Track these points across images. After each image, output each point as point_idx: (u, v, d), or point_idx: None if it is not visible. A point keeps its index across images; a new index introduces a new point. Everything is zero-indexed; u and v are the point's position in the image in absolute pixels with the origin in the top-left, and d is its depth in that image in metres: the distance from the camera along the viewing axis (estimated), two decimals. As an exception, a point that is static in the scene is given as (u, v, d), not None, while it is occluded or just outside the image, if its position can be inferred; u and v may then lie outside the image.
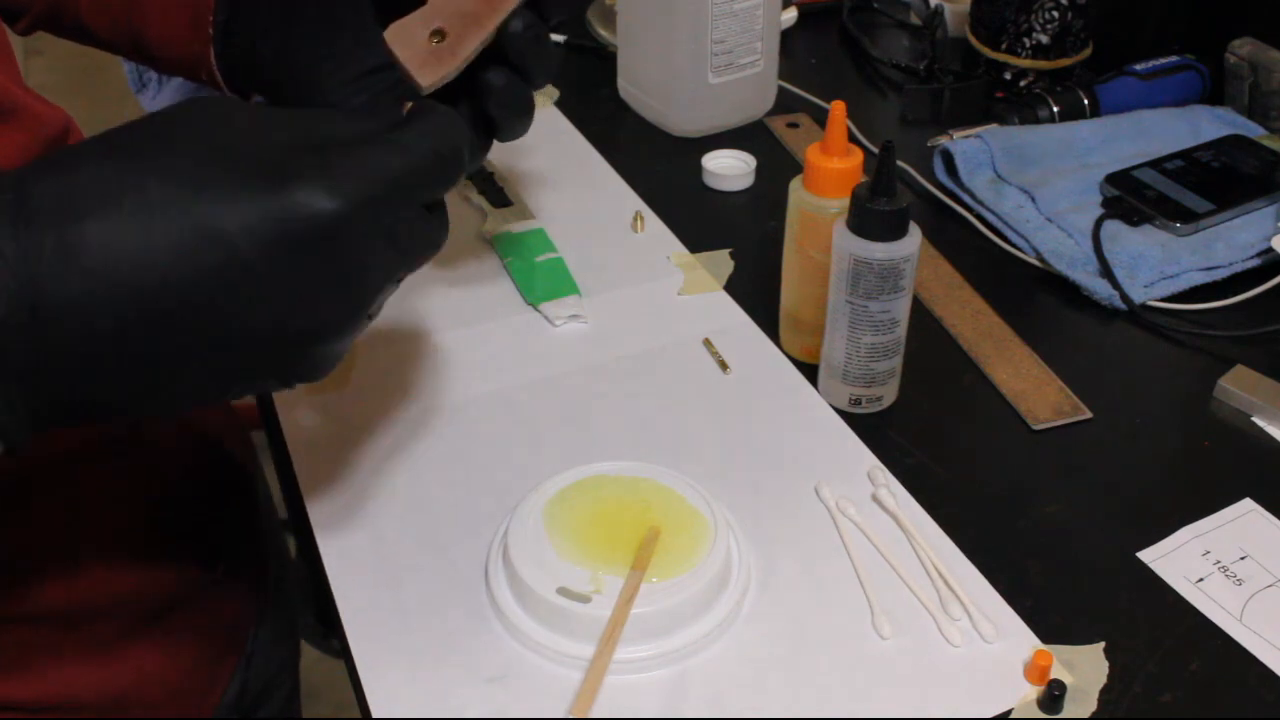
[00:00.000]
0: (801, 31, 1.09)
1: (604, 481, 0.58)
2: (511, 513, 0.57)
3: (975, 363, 0.71)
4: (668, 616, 0.53)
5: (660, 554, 0.54)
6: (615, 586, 0.53)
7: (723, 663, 0.53)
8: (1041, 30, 0.93)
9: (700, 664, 0.53)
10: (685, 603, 0.53)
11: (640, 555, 0.54)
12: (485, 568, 0.56)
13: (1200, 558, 0.59)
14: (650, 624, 0.52)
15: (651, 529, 0.55)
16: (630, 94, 0.97)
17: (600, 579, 0.53)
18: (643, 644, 0.52)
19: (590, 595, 0.52)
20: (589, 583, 0.53)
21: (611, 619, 0.52)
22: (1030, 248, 0.79)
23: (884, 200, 0.60)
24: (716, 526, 0.56)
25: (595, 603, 0.52)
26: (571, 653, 0.52)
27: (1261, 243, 0.77)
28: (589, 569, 0.53)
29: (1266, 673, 0.53)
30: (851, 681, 0.52)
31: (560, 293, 0.73)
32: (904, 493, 0.61)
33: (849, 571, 0.57)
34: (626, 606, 0.52)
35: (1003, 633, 0.54)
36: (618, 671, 0.52)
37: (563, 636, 0.52)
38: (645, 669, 0.52)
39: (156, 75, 0.98)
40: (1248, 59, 0.88)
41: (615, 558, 0.54)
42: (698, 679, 0.52)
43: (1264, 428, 0.66)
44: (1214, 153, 0.84)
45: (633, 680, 0.52)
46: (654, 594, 0.53)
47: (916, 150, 0.89)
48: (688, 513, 0.56)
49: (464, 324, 0.72)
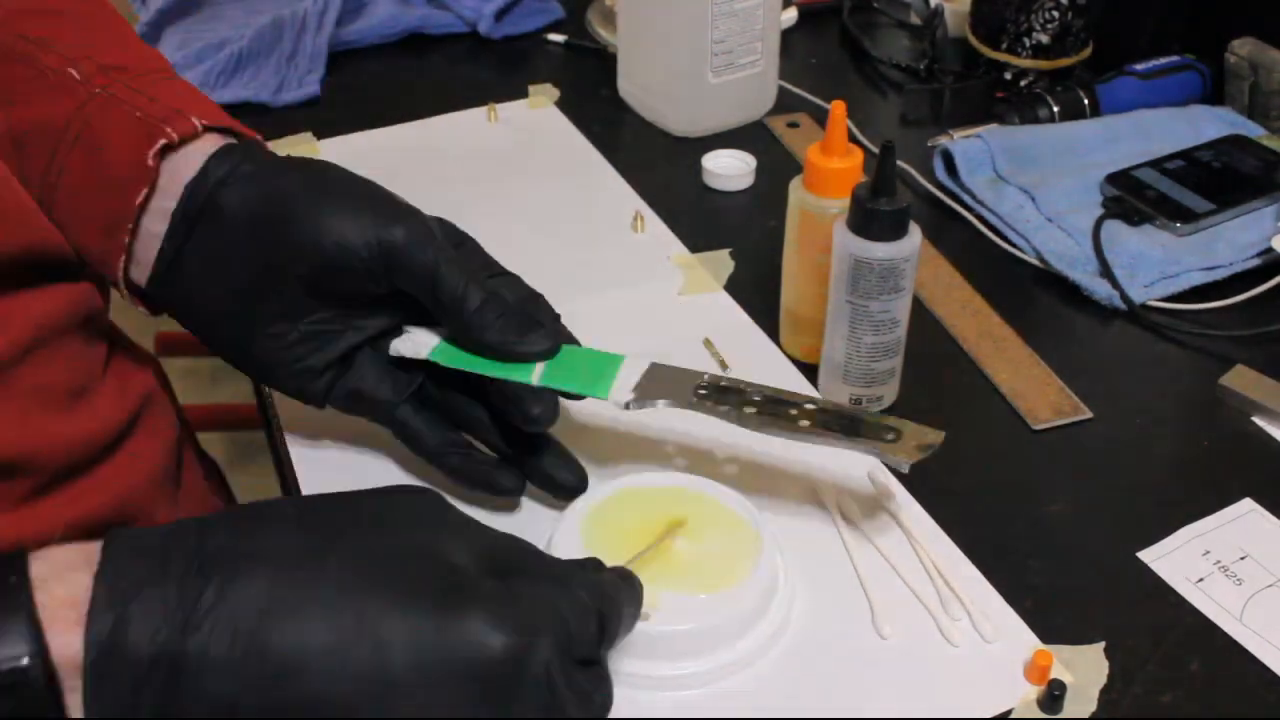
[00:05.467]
0: (801, 31, 1.09)
1: (640, 494, 0.57)
2: (552, 532, 0.56)
3: (975, 363, 0.71)
4: (713, 633, 0.52)
5: (704, 566, 0.53)
6: (670, 603, 0.51)
7: (723, 663, 0.53)
8: (1041, 30, 0.93)
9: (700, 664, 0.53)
10: (729, 619, 0.52)
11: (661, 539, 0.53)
12: None
13: (1200, 558, 0.59)
14: (699, 640, 0.51)
15: (674, 521, 0.55)
16: (630, 94, 0.97)
17: (656, 596, 0.51)
18: (688, 660, 0.51)
19: (649, 614, 0.51)
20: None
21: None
22: (1030, 248, 0.79)
23: (884, 200, 0.60)
24: (763, 538, 0.55)
25: (653, 619, 0.51)
26: (631, 670, 0.51)
27: (1261, 243, 0.77)
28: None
29: (1266, 673, 0.53)
30: (851, 681, 0.52)
31: (609, 369, 0.58)
32: (904, 493, 0.61)
33: (849, 571, 0.57)
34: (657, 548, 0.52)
35: (1003, 633, 0.54)
36: (658, 687, 0.51)
37: (622, 655, 0.51)
38: (687, 685, 0.51)
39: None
40: (1248, 59, 0.88)
41: (665, 572, 0.53)
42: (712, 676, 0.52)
43: (1264, 428, 0.66)
44: (1214, 153, 0.84)
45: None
46: (700, 608, 0.52)
47: (916, 150, 0.89)
48: (731, 522, 0.55)
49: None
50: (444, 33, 1.07)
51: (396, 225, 0.52)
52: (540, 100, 0.97)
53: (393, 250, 0.52)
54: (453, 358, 0.56)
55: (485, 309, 0.54)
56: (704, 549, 0.54)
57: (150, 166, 0.53)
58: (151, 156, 0.53)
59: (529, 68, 1.04)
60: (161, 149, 0.53)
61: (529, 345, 0.54)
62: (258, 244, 0.53)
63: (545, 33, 1.08)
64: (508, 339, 0.54)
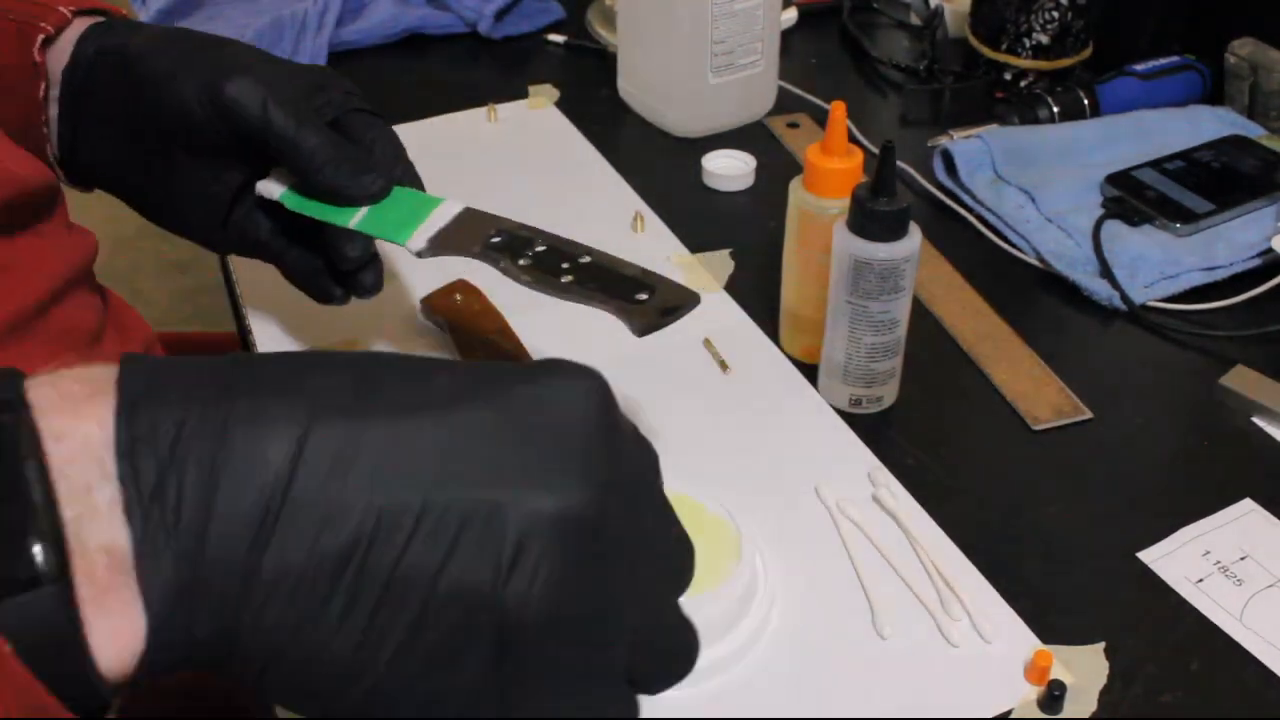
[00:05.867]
0: (801, 31, 1.09)
1: None
2: None
3: (975, 363, 0.71)
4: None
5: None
6: None
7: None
8: (1041, 30, 0.93)
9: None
10: (710, 620, 0.52)
11: None
12: None
13: (1200, 558, 0.59)
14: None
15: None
16: (630, 94, 0.97)
17: None
18: None
19: None
20: None
21: None
22: (1030, 248, 0.79)
23: (884, 200, 0.60)
24: (742, 541, 0.54)
25: None
26: None
27: (1261, 243, 0.77)
28: None
29: (1266, 673, 0.53)
30: (851, 681, 0.52)
31: (422, 214, 0.57)
32: (904, 493, 0.61)
33: (849, 571, 0.57)
34: None
35: (1003, 633, 0.54)
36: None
37: None
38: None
39: None
40: (1248, 59, 0.88)
41: None
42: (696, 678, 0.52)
43: (1264, 428, 0.66)
44: (1214, 153, 0.84)
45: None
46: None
47: (916, 150, 0.89)
48: (712, 525, 0.55)
49: (464, 324, 0.72)
50: (444, 33, 1.07)
51: (229, 80, 0.55)
52: (540, 101, 0.97)
53: (223, 103, 0.55)
54: (297, 202, 0.57)
55: (316, 152, 0.55)
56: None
57: (40, 62, 0.58)
58: (37, 52, 0.58)
59: (529, 68, 1.04)
60: (42, 43, 0.58)
61: (358, 188, 0.56)
62: (125, 114, 0.58)
63: (545, 33, 1.08)
64: (339, 181, 0.55)
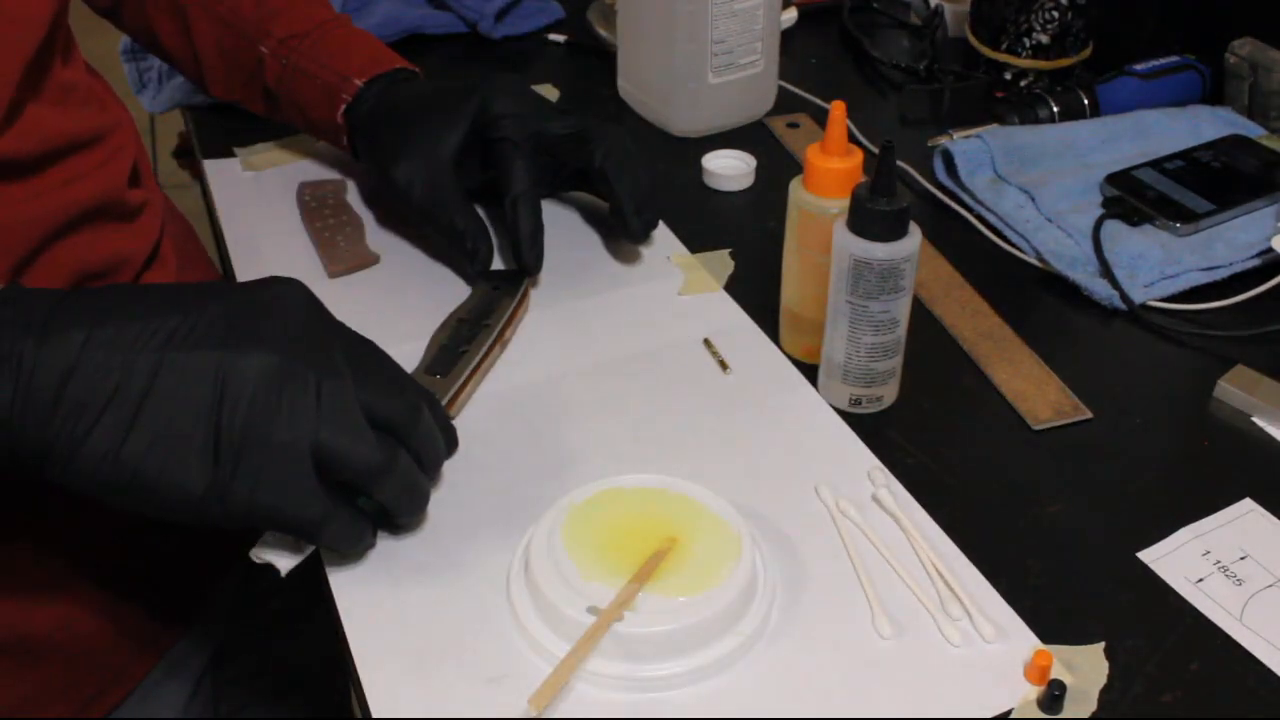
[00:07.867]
0: (801, 31, 1.09)
1: (623, 495, 0.57)
2: (531, 530, 0.56)
3: (975, 363, 0.71)
4: (696, 632, 0.52)
5: (685, 567, 0.53)
6: (644, 602, 0.52)
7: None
8: (1041, 30, 0.93)
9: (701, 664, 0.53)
10: (711, 619, 0.52)
11: (644, 568, 0.53)
12: (507, 585, 0.55)
13: (1200, 558, 0.59)
14: (677, 640, 0.51)
15: (667, 539, 0.54)
16: (630, 94, 0.97)
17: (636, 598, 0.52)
18: (670, 661, 0.51)
19: (624, 615, 0.51)
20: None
21: (594, 624, 0.51)
22: (1030, 248, 0.79)
23: (884, 200, 0.60)
24: (743, 540, 0.55)
25: (627, 619, 0.51)
26: (612, 672, 0.51)
27: (1261, 243, 0.77)
28: (615, 586, 0.52)
29: (1266, 673, 0.53)
30: (851, 681, 0.52)
31: None
32: (904, 493, 0.61)
33: (849, 571, 0.57)
34: (612, 613, 0.51)
35: (1003, 633, 0.54)
36: (640, 689, 0.51)
37: (603, 657, 0.51)
38: (676, 685, 0.52)
39: (155, 76, 0.98)
40: (1248, 59, 0.88)
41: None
42: (696, 678, 0.52)
43: (1264, 428, 0.66)
44: (1214, 153, 0.84)
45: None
46: (680, 610, 0.52)
47: (916, 150, 0.89)
48: (712, 524, 0.55)
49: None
50: (444, 33, 1.07)
51: (395, 164, 0.75)
52: (540, 100, 0.97)
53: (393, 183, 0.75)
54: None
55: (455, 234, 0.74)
56: (685, 551, 0.54)
57: (340, 124, 0.79)
58: (340, 116, 0.79)
59: (529, 68, 1.04)
60: (344, 109, 0.79)
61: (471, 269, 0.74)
62: (373, 163, 0.78)
63: (545, 33, 1.08)
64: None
